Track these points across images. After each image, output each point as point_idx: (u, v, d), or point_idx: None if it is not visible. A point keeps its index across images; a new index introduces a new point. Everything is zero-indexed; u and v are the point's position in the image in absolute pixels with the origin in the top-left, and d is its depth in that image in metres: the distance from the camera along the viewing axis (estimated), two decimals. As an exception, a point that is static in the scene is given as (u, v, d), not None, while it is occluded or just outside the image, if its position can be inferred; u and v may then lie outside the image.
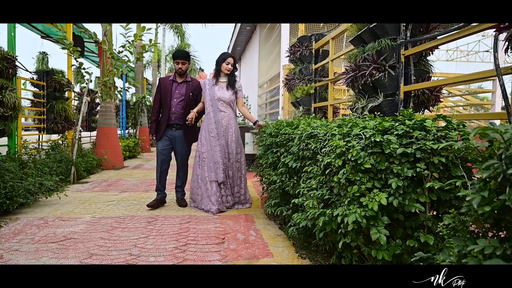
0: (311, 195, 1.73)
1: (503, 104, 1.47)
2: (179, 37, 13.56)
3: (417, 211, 1.37)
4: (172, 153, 3.30)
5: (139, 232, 2.45)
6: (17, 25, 4.31)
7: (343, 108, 4.67)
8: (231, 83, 3.12)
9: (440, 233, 1.01)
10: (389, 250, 1.37)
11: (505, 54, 1.30)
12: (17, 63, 3.95)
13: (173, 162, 3.33)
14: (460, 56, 11.39)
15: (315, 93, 4.10)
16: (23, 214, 2.87)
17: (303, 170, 1.98)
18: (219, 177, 3.05)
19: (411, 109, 1.51)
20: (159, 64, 12.63)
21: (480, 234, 0.81)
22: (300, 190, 1.92)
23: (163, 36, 12.58)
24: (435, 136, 1.33)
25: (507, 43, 1.26)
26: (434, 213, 1.43)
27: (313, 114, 2.96)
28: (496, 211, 0.70)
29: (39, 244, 2.18)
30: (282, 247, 2.20)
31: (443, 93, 2.30)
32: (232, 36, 12.01)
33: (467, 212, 0.75)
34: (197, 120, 3.24)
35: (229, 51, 13.62)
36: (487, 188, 0.70)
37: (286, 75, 4.50)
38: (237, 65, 3.27)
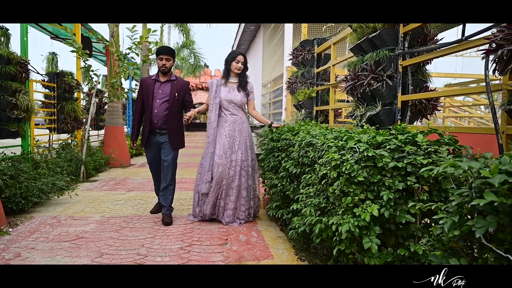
0: (309, 203, 1.82)
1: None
2: (184, 35, 13.65)
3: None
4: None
5: (146, 232, 2.57)
6: (28, 27, 4.43)
7: (344, 109, 4.72)
8: (243, 84, 2.84)
9: (423, 248, 1.09)
10: (381, 258, 1.45)
11: (493, 74, 1.37)
12: (29, 67, 4.09)
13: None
14: (468, 51, 11.10)
15: (317, 96, 4.16)
16: (37, 213, 3.02)
17: (303, 176, 2.06)
18: (203, 188, 2.76)
19: (405, 123, 1.58)
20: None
21: (456, 252, 0.89)
22: (299, 196, 2.01)
23: (168, 34, 12.71)
24: (426, 151, 1.41)
25: (494, 64, 1.32)
26: (428, 221, 1.50)
27: (314, 121, 3.02)
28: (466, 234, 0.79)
29: (53, 242, 2.32)
30: (282, 249, 2.29)
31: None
32: (237, 35, 12.05)
33: (441, 233, 0.83)
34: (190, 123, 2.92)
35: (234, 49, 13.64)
36: (458, 212, 0.79)
37: (289, 78, 4.57)
38: (248, 64, 2.90)
